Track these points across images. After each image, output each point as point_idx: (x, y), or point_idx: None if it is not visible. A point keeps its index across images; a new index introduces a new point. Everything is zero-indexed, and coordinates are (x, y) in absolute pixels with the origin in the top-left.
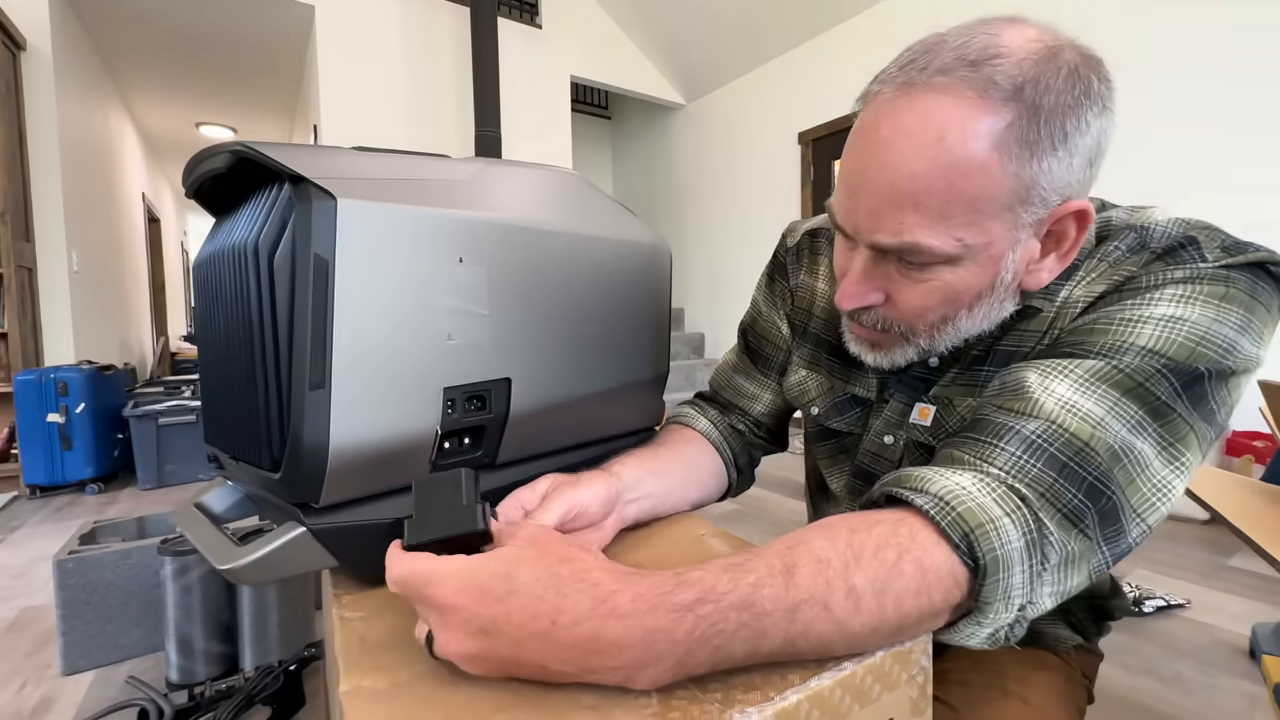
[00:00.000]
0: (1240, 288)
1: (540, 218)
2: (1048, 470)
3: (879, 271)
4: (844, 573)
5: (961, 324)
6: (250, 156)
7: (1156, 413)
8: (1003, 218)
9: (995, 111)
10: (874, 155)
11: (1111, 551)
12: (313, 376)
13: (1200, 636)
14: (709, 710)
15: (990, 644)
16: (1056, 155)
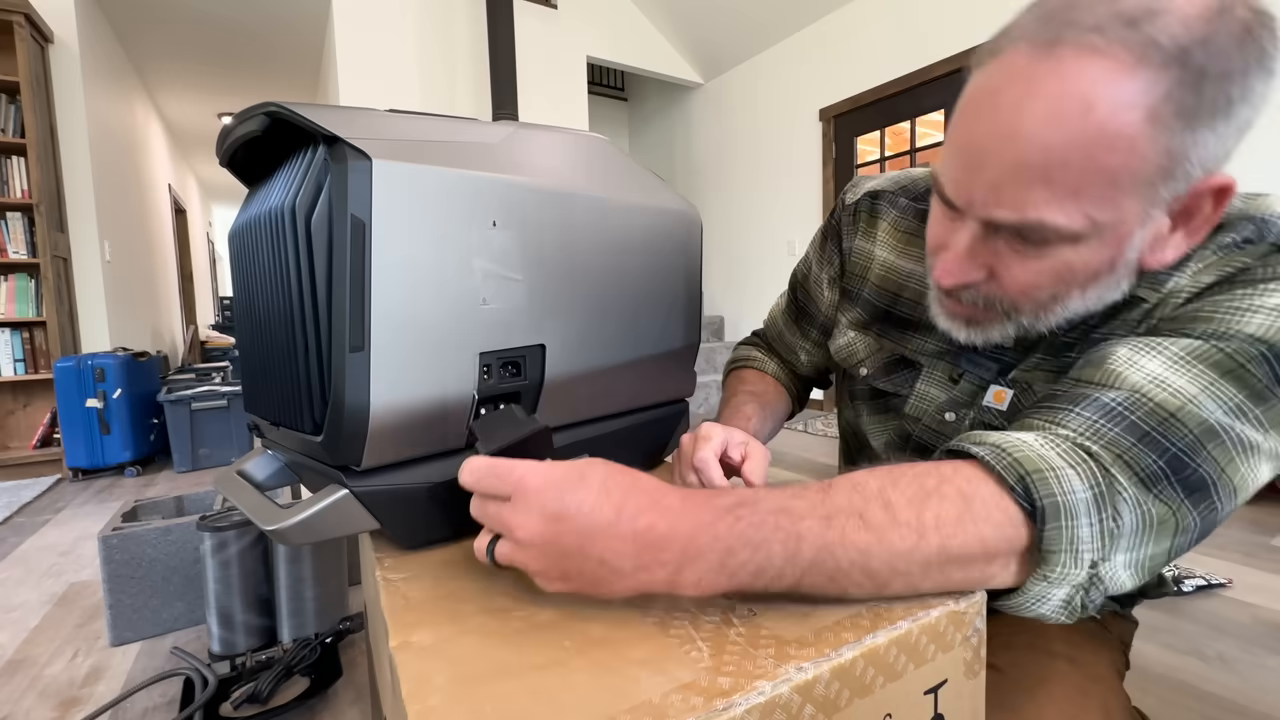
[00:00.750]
0: None
1: (570, 182)
2: (1125, 435)
3: (986, 248)
4: (880, 492)
5: (1072, 304)
6: (285, 117)
7: (1257, 396)
8: (1141, 194)
9: (1153, 77)
10: (1003, 123)
11: (1202, 523)
12: (352, 339)
13: (1243, 616)
14: (763, 665)
15: (1066, 612)
16: (1214, 127)
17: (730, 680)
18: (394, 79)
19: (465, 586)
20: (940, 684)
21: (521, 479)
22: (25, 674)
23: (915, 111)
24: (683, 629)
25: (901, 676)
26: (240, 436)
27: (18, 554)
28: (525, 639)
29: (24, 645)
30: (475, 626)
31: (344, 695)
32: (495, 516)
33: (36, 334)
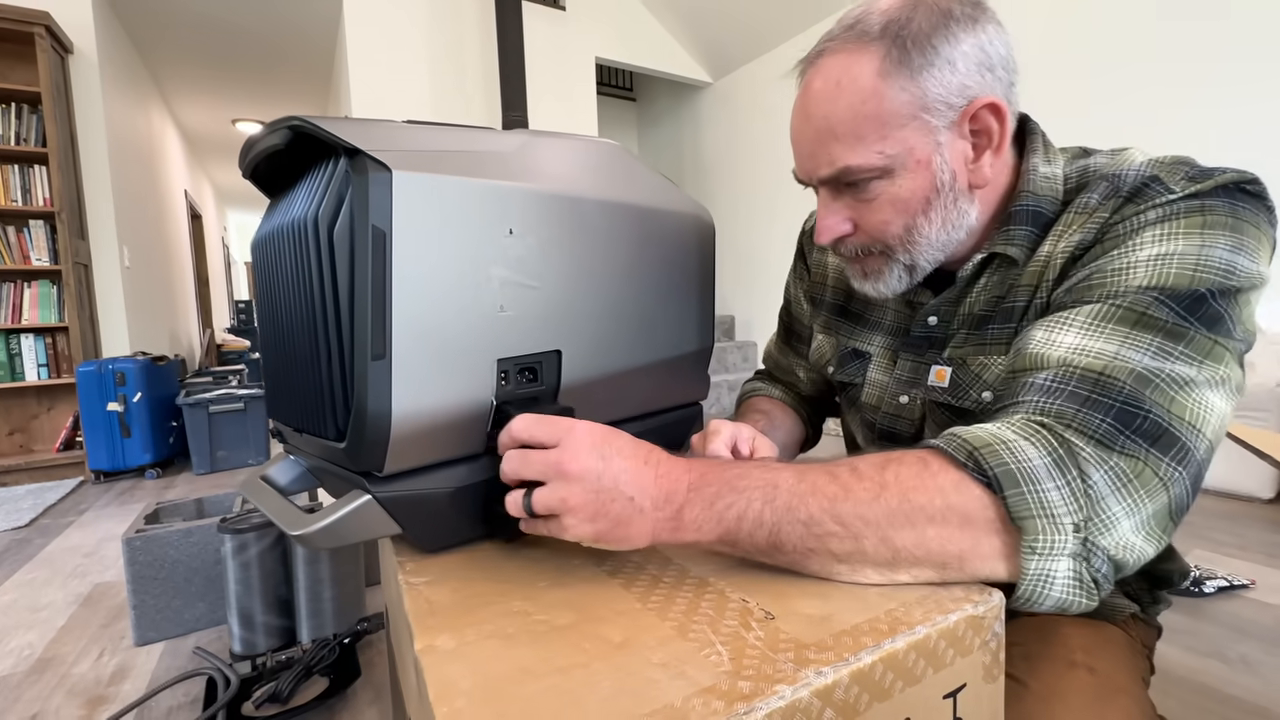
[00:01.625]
0: (1220, 212)
1: (585, 188)
2: (1067, 404)
3: (839, 205)
4: (848, 461)
5: (925, 230)
6: (308, 130)
7: (1173, 335)
8: (912, 125)
9: (870, 50)
10: (801, 115)
11: (1184, 469)
12: (374, 347)
13: (1266, 617)
14: (783, 669)
15: (1080, 591)
16: (935, 67)
17: (750, 684)
18: (405, 82)
19: (485, 590)
20: (959, 688)
21: (571, 426)
22: (54, 672)
23: None
24: (702, 632)
25: (920, 681)
26: (257, 439)
27: (44, 555)
28: (546, 642)
29: (52, 644)
30: (497, 630)
31: (363, 695)
32: (542, 460)
33: (59, 339)
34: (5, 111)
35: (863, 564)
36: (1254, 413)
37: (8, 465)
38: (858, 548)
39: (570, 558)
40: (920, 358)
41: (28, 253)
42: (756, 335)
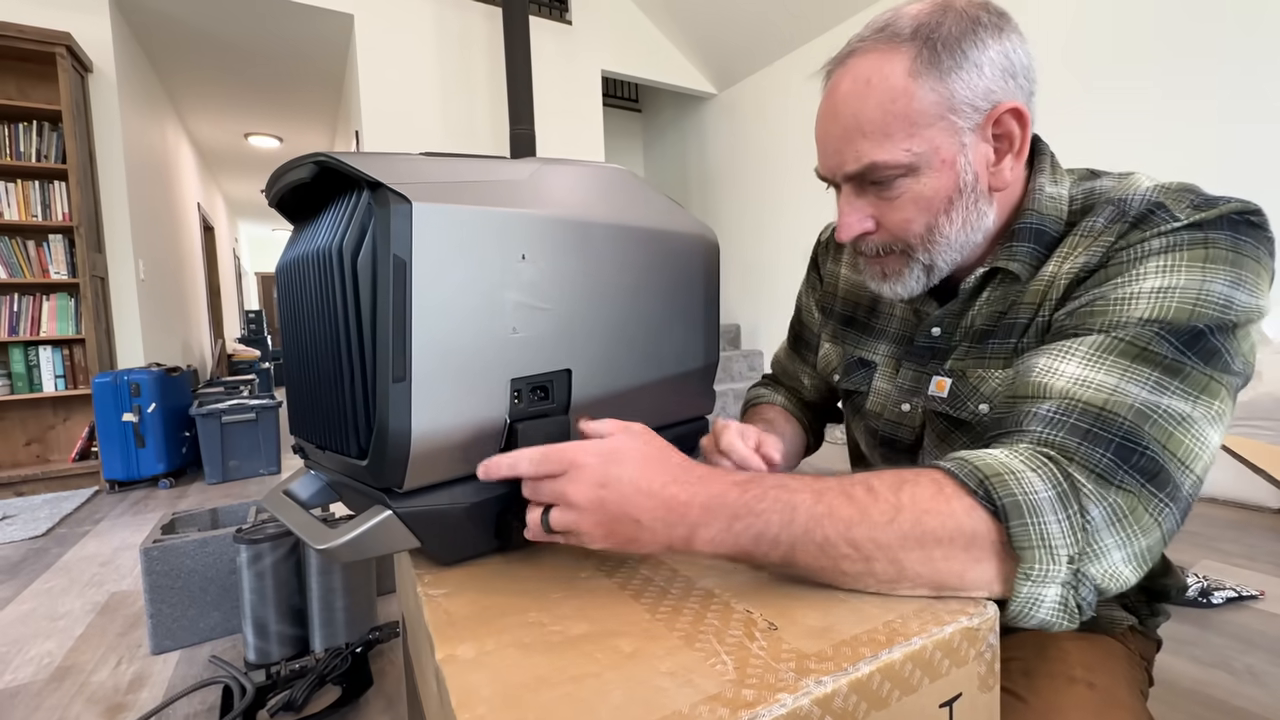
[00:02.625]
0: (1221, 245)
1: (594, 213)
2: (1070, 437)
3: (862, 203)
4: (864, 479)
5: (946, 230)
6: (332, 165)
7: (1171, 371)
8: (939, 125)
9: (901, 51)
10: (829, 114)
11: (1174, 506)
12: (395, 370)
13: (1274, 629)
14: (785, 678)
15: (1064, 615)
16: (963, 70)
17: (753, 692)
18: (413, 97)
19: (502, 601)
20: (955, 698)
21: (574, 458)
22: (73, 681)
23: None
24: (708, 643)
25: (917, 690)
26: (268, 449)
27: (61, 564)
28: (561, 652)
29: (71, 653)
30: (514, 640)
31: (375, 704)
32: (551, 489)
33: (76, 351)
34: (27, 129)
35: (868, 580)
36: (1263, 423)
37: (25, 475)
38: (869, 569)
39: (579, 570)
40: (922, 367)
41: (46, 266)
42: (762, 344)
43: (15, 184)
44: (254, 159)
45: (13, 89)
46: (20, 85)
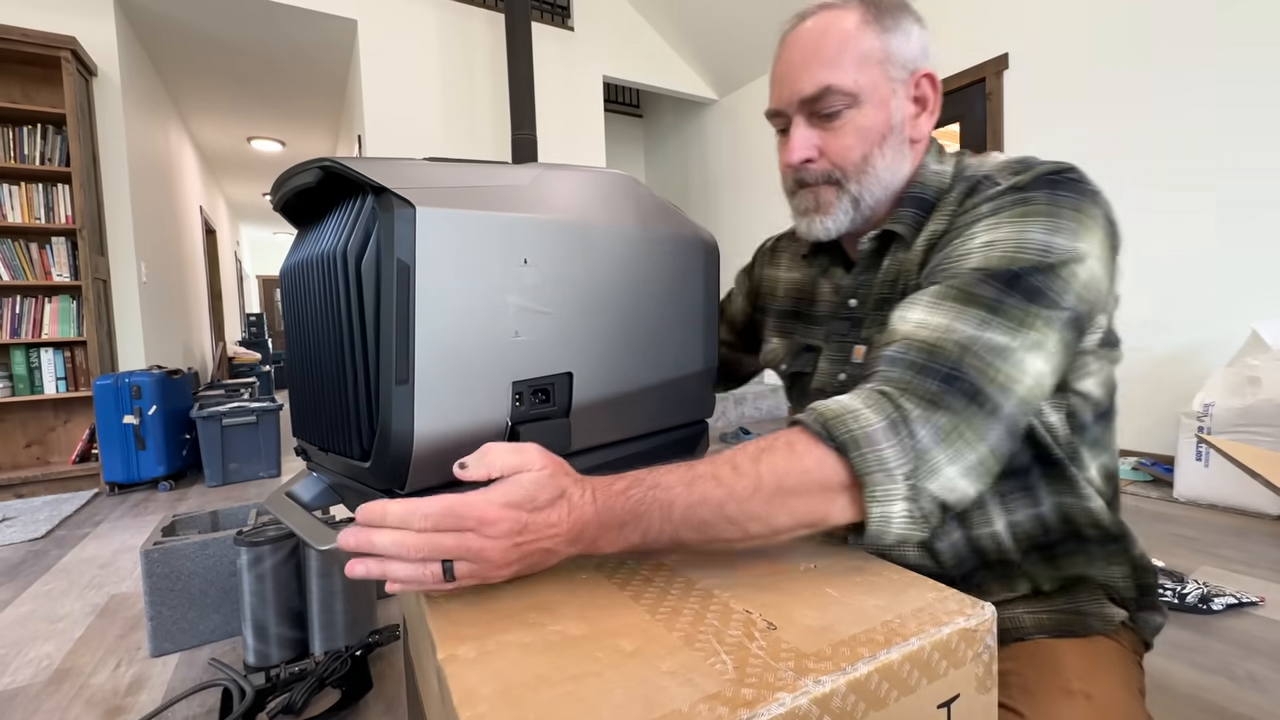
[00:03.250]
0: (1039, 201)
1: (596, 218)
2: (906, 372)
3: (811, 133)
4: (730, 457)
5: (876, 163)
6: (337, 170)
7: (991, 308)
8: (878, 70)
9: (851, 9)
10: (790, 51)
11: (997, 421)
12: (398, 372)
13: (1275, 635)
14: (784, 678)
15: (915, 525)
16: (897, 34)
17: (753, 691)
18: (416, 101)
19: (502, 602)
20: (953, 699)
21: (483, 515)
22: (72, 683)
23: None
24: (707, 642)
25: (914, 691)
26: (268, 451)
27: (60, 566)
28: (561, 651)
29: (70, 655)
30: (514, 640)
31: (374, 707)
32: (459, 547)
33: (77, 353)
34: (32, 132)
35: (750, 541)
36: (1263, 429)
37: (25, 477)
38: (745, 533)
39: (579, 571)
40: (845, 337)
41: (49, 269)
42: None
43: (19, 186)
44: (256, 163)
45: (17, 92)
46: (25, 89)
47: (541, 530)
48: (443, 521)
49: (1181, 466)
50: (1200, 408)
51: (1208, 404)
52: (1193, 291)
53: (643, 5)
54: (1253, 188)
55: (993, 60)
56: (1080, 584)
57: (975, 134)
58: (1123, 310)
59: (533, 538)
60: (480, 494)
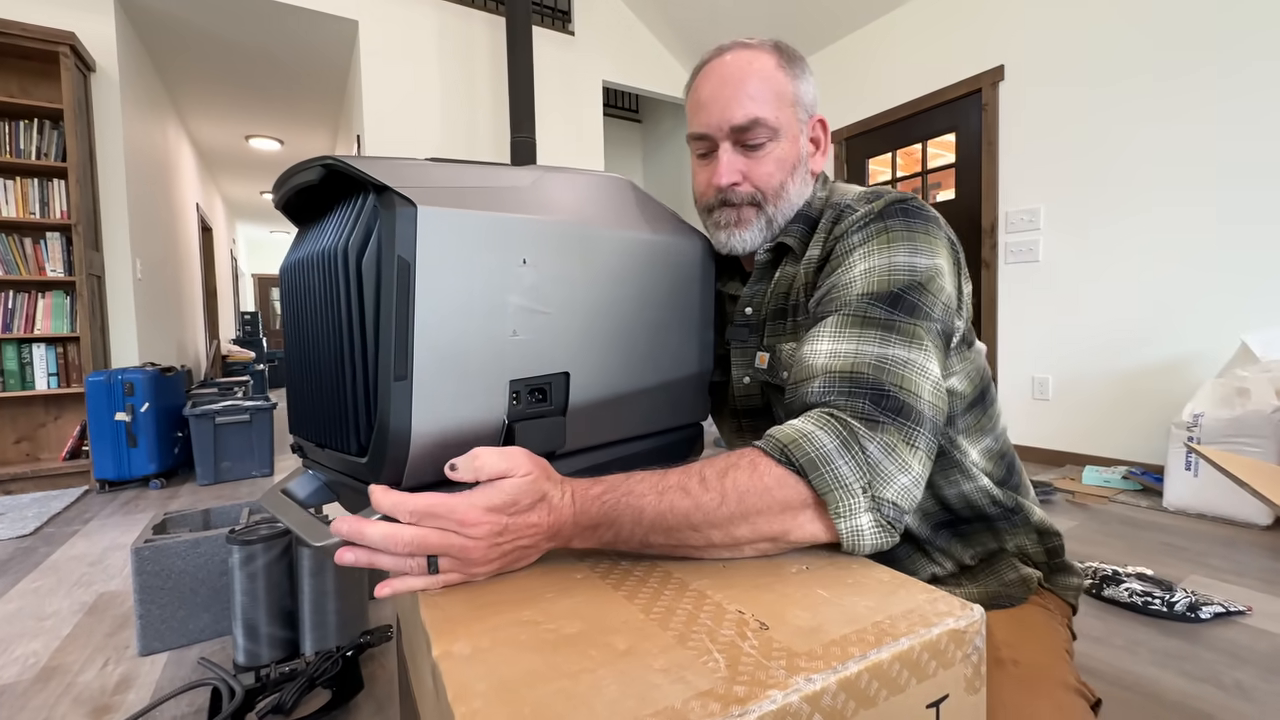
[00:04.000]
0: (897, 228)
1: (595, 220)
2: (839, 398)
3: (738, 160)
4: (699, 470)
5: (789, 190)
6: (339, 168)
7: (887, 327)
8: (791, 111)
9: (768, 51)
10: (719, 82)
11: (922, 428)
12: (397, 369)
13: (1263, 644)
14: (775, 675)
15: (884, 533)
16: (802, 80)
17: (745, 689)
18: (415, 102)
19: (496, 600)
20: (942, 699)
21: (465, 517)
22: (59, 681)
23: (927, 134)
24: (700, 641)
25: (904, 690)
26: (261, 451)
27: (49, 563)
28: (555, 649)
29: (57, 653)
30: (508, 638)
31: (365, 707)
32: (443, 544)
33: (70, 349)
34: (28, 127)
35: (713, 549)
36: (1252, 439)
37: (14, 473)
38: (709, 541)
39: (574, 571)
40: (745, 343)
41: (43, 264)
42: None
43: (14, 181)
44: (254, 161)
45: (14, 87)
46: (22, 83)
47: (521, 530)
48: (425, 520)
49: (1171, 476)
50: (1190, 418)
51: (1197, 414)
52: (1184, 303)
53: (643, 11)
54: (1244, 201)
55: (989, 71)
56: (997, 556)
57: (971, 143)
58: (1116, 323)
59: (512, 538)
60: (464, 496)
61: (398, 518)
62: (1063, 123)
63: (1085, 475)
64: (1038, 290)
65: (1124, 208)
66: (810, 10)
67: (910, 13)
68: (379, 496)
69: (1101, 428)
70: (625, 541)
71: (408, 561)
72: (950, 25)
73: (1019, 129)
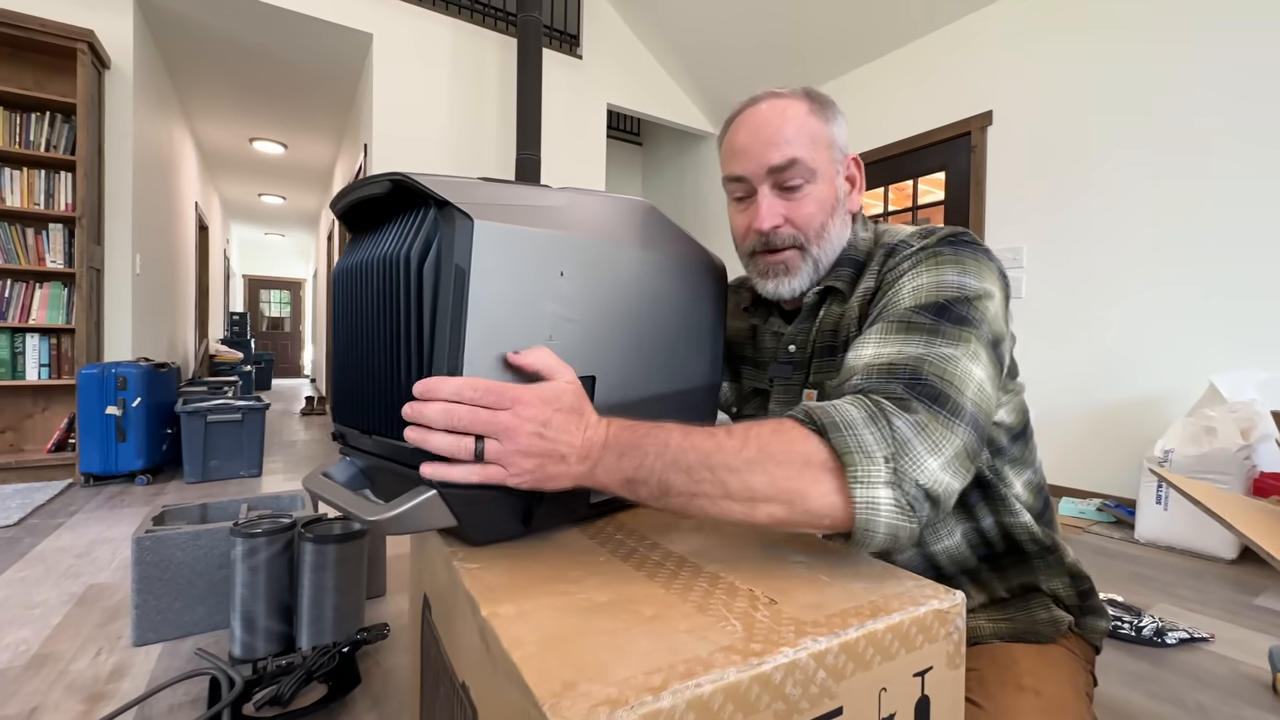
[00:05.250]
0: (946, 254)
1: (621, 239)
2: (875, 382)
3: (778, 203)
4: (725, 427)
5: (831, 230)
6: (407, 184)
7: (932, 332)
8: (827, 153)
9: (799, 98)
10: (756, 127)
11: (960, 419)
12: (450, 364)
13: (1223, 669)
14: (786, 637)
15: (904, 515)
16: (834, 124)
17: (761, 646)
18: (424, 115)
19: (532, 574)
20: (926, 669)
21: (518, 396)
22: (52, 668)
23: (918, 171)
24: (718, 611)
25: (895, 658)
26: (251, 451)
27: (35, 554)
28: (590, 613)
29: (48, 641)
30: (548, 603)
31: (361, 702)
32: (491, 421)
33: (64, 340)
34: (39, 119)
35: (728, 502)
36: (1218, 475)
37: None
38: (725, 490)
39: (596, 554)
40: (789, 380)
41: (43, 255)
42: None
43: (21, 171)
44: (256, 162)
45: (29, 79)
46: (37, 77)
47: (560, 432)
48: (488, 396)
49: (1143, 509)
50: (1161, 454)
51: (1168, 450)
52: (1157, 345)
53: (648, 40)
54: (1216, 251)
55: (978, 116)
56: (1030, 593)
57: (960, 182)
58: (1094, 361)
59: (553, 435)
60: (520, 385)
61: (464, 396)
62: (1046, 167)
63: (1062, 506)
64: (1020, 326)
65: (1102, 251)
66: (808, 47)
67: (906, 56)
68: (445, 381)
69: (1078, 461)
70: (646, 476)
71: (458, 444)
72: (944, 71)
73: (1005, 171)
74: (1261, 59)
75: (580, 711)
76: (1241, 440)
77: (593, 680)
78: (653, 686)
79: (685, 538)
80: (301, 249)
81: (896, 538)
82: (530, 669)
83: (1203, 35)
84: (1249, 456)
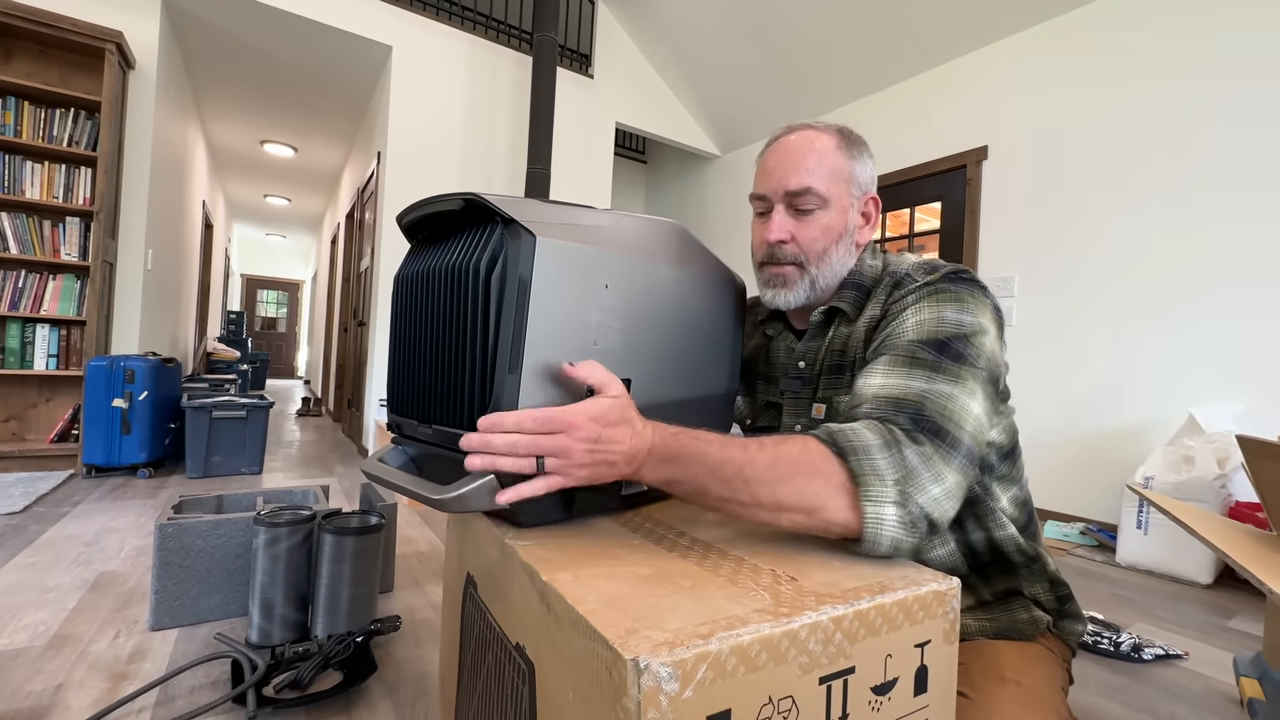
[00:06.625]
0: (948, 290)
1: (656, 257)
2: (885, 413)
3: (789, 221)
4: (757, 440)
5: (832, 256)
6: (478, 202)
7: (934, 368)
8: (844, 186)
9: (830, 133)
10: (781, 153)
11: (957, 452)
12: (512, 363)
13: (1196, 685)
14: (808, 604)
15: (908, 531)
16: (859, 162)
17: (788, 609)
18: (438, 126)
19: (580, 550)
20: (926, 642)
21: (571, 421)
22: (73, 648)
23: (914, 200)
24: (748, 584)
25: (899, 629)
26: (253, 447)
27: (43, 540)
28: (636, 582)
29: (66, 623)
30: (598, 573)
31: (375, 689)
32: (553, 445)
33: (73, 332)
34: (64, 115)
35: (758, 508)
36: (1195, 503)
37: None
38: (755, 499)
39: (631, 539)
40: (799, 394)
41: (58, 247)
42: None
43: (42, 165)
44: (265, 164)
45: (55, 76)
46: (63, 74)
47: (610, 443)
48: (545, 424)
49: (1124, 534)
50: (1142, 480)
51: (1148, 477)
52: (1140, 375)
53: (658, 63)
54: (1199, 287)
55: (974, 150)
56: (1013, 596)
57: (955, 212)
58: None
59: (603, 447)
60: (571, 406)
61: (525, 426)
62: (1039, 201)
63: (1047, 529)
64: (1009, 354)
65: (1090, 283)
66: (811, 77)
67: (905, 91)
68: (506, 416)
69: (1062, 486)
70: (687, 483)
71: (522, 463)
72: (942, 106)
73: (999, 203)
74: (1247, 103)
75: (646, 648)
76: (1218, 469)
77: (651, 628)
78: (702, 634)
79: (709, 528)
80: (302, 251)
81: (898, 549)
82: (597, 619)
83: (1192, 77)
84: (1224, 485)
